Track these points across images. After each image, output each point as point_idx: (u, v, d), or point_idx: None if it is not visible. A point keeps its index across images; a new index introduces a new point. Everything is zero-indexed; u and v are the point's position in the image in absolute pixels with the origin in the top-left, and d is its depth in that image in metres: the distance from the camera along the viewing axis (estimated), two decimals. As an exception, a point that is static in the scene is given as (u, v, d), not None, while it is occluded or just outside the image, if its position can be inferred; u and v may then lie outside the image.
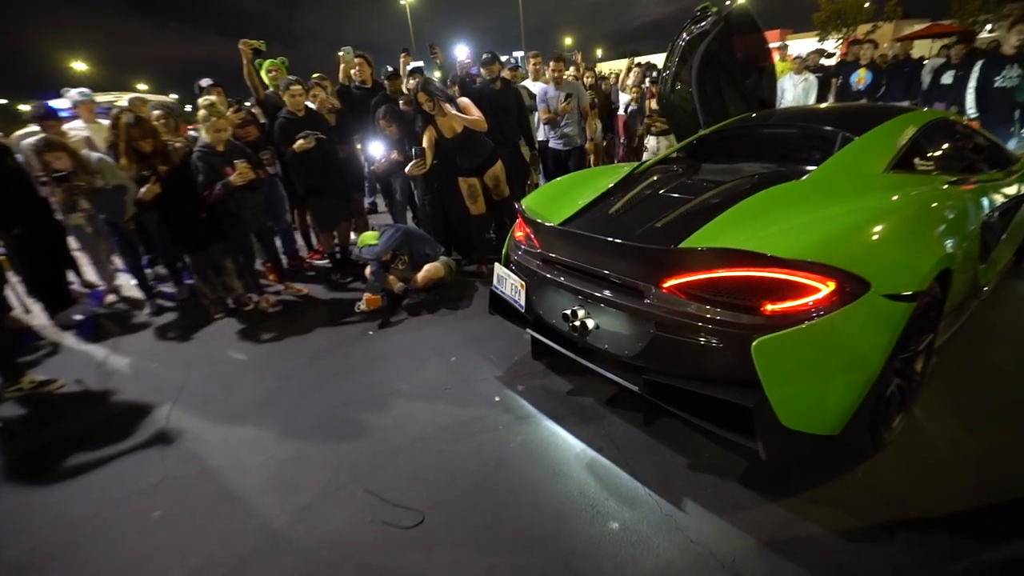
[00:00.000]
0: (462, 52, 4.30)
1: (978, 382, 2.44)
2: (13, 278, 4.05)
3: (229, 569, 1.81)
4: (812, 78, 6.42)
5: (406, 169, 3.87)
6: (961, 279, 2.27)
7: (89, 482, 2.33)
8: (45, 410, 2.99)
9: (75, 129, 4.58)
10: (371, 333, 3.54)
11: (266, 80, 4.46)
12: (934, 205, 2.16)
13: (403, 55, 5.28)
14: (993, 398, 2.32)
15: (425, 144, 3.86)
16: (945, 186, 2.34)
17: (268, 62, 4.48)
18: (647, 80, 5.73)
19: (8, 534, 2.07)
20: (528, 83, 5.36)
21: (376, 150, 4.20)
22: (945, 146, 2.74)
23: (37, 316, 4.29)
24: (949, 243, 2.07)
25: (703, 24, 3.85)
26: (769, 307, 1.66)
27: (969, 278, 2.42)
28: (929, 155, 2.56)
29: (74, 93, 4.70)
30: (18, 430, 2.82)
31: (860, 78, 6.43)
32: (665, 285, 1.84)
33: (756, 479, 1.96)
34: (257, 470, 2.30)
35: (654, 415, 2.29)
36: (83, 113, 4.76)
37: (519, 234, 2.64)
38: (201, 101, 3.54)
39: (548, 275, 2.31)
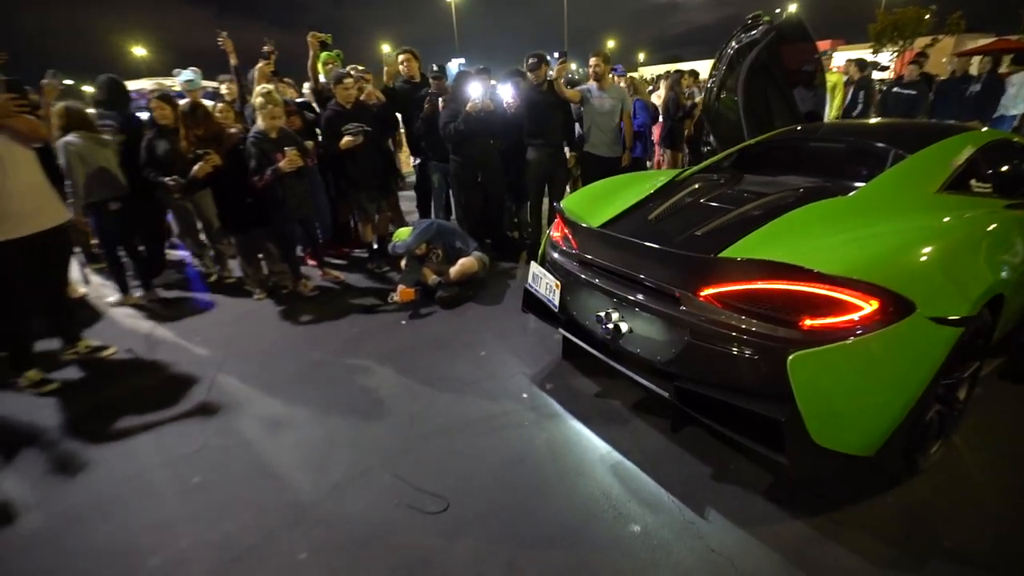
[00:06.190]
0: (476, 90, 4.15)
1: (1025, 415, 2.35)
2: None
3: (259, 538, 1.89)
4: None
5: None
6: (1014, 306, 2.19)
7: (137, 444, 2.47)
8: (99, 374, 3.17)
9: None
10: (403, 323, 3.62)
11: (321, 72, 4.61)
12: (989, 228, 2.08)
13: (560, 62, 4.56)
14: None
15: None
16: (1002, 209, 2.26)
17: (324, 55, 4.63)
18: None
19: (65, 486, 2.22)
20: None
21: (475, 91, 4.23)
22: (1004, 168, 2.63)
23: (94, 287, 4.55)
24: (1004, 269, 2.00)
25: (753, 33, 3.80)
26: (808, 322, 1.65)
27: (1022, 306, 2.33)
28: (987, 176, 2.46)
29: (187, 73, 4.88)
30: (75, 391, 3.00)
31: None
32: (703, 293, 1.83)
33: (782, 494, 1.94)
34: (290, 447, 2.40)
35: (681, 422, 2.28)
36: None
37: (556, 234, 2.66)
38: (258, 89, 3.69)
39: (584, 276, 2.32)
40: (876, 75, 7.31)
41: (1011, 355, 2.57)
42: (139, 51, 40.31)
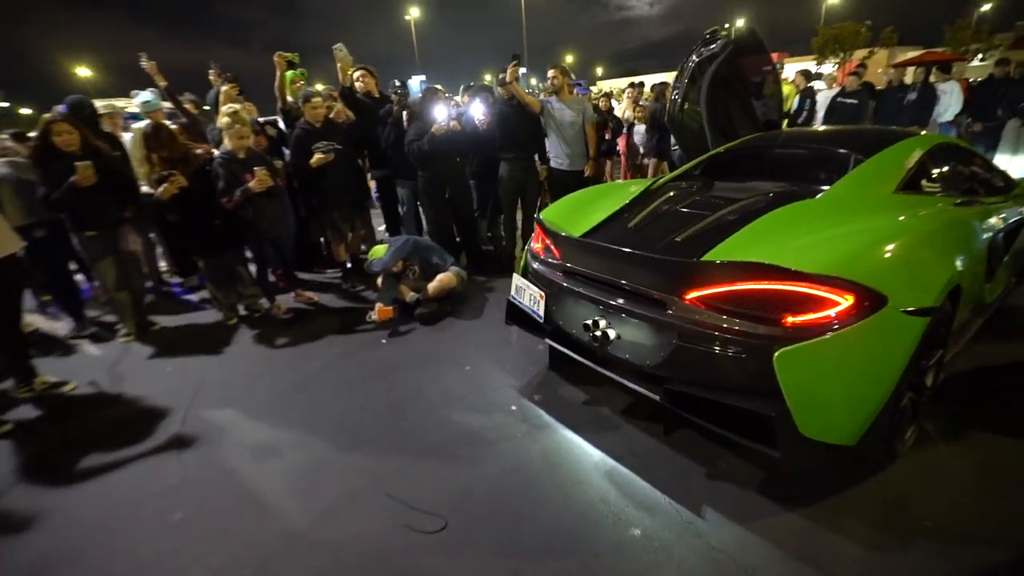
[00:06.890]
0: (441, 113, 4.20)
1: (984, 397, 2.50)
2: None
3: (251, 570, 1.82)
4: None
5: None
6: (969, 296, 2.34)
7: (107, 483, 2.33)
8: (59, 412, 2.98)
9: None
10: (384, 342, 3.57)
11: (288, 91, 4.56)
12: (943, 225, 2.23)
13: (513, 65, 4.65)
14: (999, 412, 2.37)
15: None
16: (951, 207, 2.42)
17: (291, 73, 4.58)
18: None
19: (26, 535, 2.07)
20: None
21: (440, 113, 4.23)
22: (949, 169, 2.83)
23: (49, 319, 4.30)
24: (959, 261, 2.14)
25: (712, 47, 3.98)
26: (790, 319, 1.72)
27: (976, 296, 2.49)
28: (935, 177, 2.64)
29: (145, 94, 4.65)
30: (32, 432, 2.81)
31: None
32: (688, 297, 1.89)
33: (773, 488, 2.00)
34: (276, 473, 2.32)
35: (672, 424, 2.32)
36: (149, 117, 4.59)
37: (537, 245, 2.69)
38: (224, 109, 3.61)
39: (568, 286, 2.36)
40: (815, 84, 7.66)
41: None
42: (84, 72, 38.57)
